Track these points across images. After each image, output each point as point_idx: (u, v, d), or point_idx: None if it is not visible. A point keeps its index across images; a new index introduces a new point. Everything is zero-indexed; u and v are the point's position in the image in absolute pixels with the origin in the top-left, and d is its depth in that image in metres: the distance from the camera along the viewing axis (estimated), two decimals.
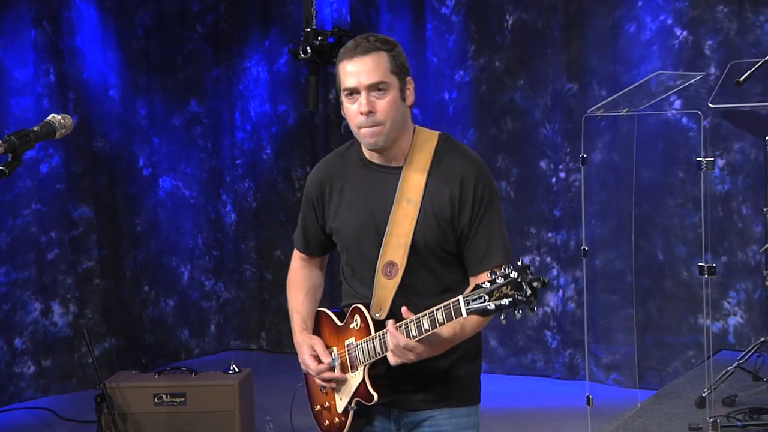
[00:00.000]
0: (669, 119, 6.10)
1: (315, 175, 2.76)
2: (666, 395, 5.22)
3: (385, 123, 2.53)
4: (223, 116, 7.81)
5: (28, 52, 6.50)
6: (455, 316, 2.32)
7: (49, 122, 2.31)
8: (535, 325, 6.68)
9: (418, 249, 2.56)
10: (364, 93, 2.52)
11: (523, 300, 2.22)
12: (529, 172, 6.65)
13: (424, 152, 2.60)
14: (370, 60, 2.51)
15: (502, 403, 6.10)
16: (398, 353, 2.44)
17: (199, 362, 7.39)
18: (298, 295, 2.86)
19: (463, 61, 6.83)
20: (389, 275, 2.57)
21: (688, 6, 6.04)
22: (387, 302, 2.57)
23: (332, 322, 2.73)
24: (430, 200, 2.56)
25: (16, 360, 6.46)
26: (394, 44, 2.57)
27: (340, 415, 2.68)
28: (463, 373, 2.67)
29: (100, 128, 6.96)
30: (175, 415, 4.88)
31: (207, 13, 7.68)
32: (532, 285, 2.22)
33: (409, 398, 2.64)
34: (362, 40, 2.56)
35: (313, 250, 2.85)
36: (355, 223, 2.64)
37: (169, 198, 7.51)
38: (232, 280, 7.87)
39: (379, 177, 2.62)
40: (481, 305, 2.26)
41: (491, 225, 2.57)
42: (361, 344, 2.59)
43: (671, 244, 6.13)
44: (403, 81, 2.56)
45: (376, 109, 2.52)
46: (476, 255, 2.57)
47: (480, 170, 2.59)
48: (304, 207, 2.79)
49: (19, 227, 6.48)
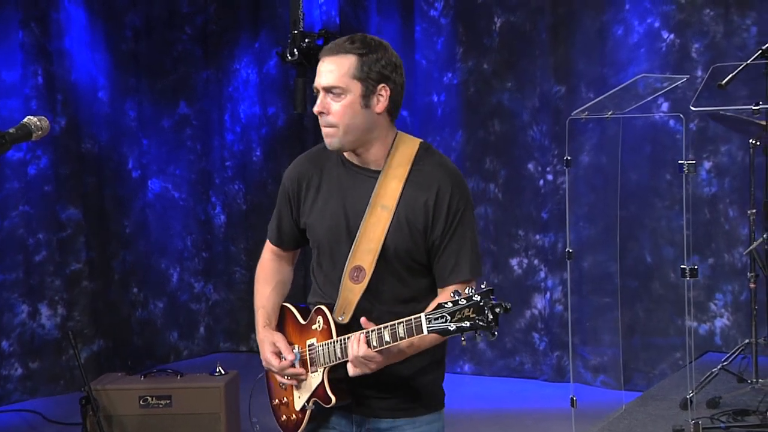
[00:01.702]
0: (656, 122, 6.13)
1: (293, 169, 2.75)
2: (651, 397, 5.23)
3: (338, 126, 2.52)
4: (213, 118, 7.81)
5: (15, 54, 6.49)
6: (416, 333, 2.31)
7: (25, 124, 2.30)
8: (523, 327, 6.69)
9: (387, 256, 2.55)
10: (321, 93, 2.54)
11: (483, 325, 2.20)
12: (517, 174, 6.66)
13: (402, 159, 2.58)
14: (334, 62, 2.51)
15: (489, 405, 6.12)
16: (357, 363, 2.43)
17: (189, 364, 7.38)
18: (264, 289, 2.84)
19: (452, 64, 6.84)
20: (356, 280, 2.55)
21: (675, 9, 6.06)
22: (351, 306, 2.55)
23: (295, 320, 2.71)
24: (405, 208, 2.54)
25: (3, 362, 6.44)
26: (373, 49, 2.52)
27: (297, 412, 2.67)
28: (427, 381, 2.66)
29: (88, 130, 6.95)
30: (160, 418, 4.87)
31: (196, 15, 7.68)
32: (494, 310, 2.21)
33: (371, 404, 2.62)
34: (341, 40, 2.55)
35: (286, 243, 2.83)
36: (328, 223, 2.63)
37: (158, 200, 7.50)
38: (222, 282, 7.87)
39: (357, 178, 2.61)
40: (442, 325, 2.25)
41: (463, 238, 2.55)
42: (322, 346, 2.58)
43: (659, 246, 6.15)
44: (369, 87, 2.51)
45: (329, 110, 2.52)
46: (445, 267, 2.55)
47: (456, 182, 2.57)
48: (280, 199, 2.77)
49: (7, 229, 6.46)
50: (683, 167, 4.22)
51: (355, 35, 2.57)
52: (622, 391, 5.39)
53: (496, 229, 6.76)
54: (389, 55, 2.55)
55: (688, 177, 4.25)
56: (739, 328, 5.93)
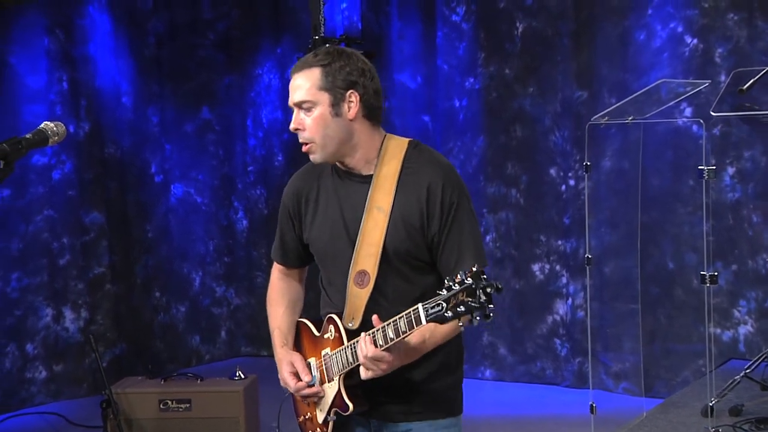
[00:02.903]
0: (679, 127, 6.08)
1: (291, 186, 2.78)
2: (673, 404, 5.18)
3: (314, 140, 2.56)
4: (235, 123, 7.85)
5: (41, 60, 6.57)
6: (416, 324, 2.32)
7: (42, 129, 2.31)
8: (544, 333, 6.67)
9: (389, 257, 2.56)
10: (295, 110, 2.59)
11: (476, 306, 2.21)
12: (539, 179, 6.64)
13: (393, 160, 2.60)
14: (299, 78, 2.56)
15: (509, 411, 6.09)
16: (369, 365, 2.44)
17: (210, 368, 7.42)
18: (277, 310, 2.86)
19: (473, 69, 6.83)
20: (361, 284, 2.56)
21: (698, 14, 6.01)
22: (359, 311, 2.56)
23: (311, 333, 2.73)
24: (400, 208, 2.56)
25: (27, 365, 6.51)
26: (336, 58, 2.54)
27: (321, 426, 2.68)
28: (443, 384, 2.66)
29: (111, 135, 7.01)
30: (180, 421, 4.89)
31: (219, 21, 7.73)
32: (486, 291, 2.21)
33: (388, 409, 2.64)
34: (310, 55, 2.57)
35: (292, 261, 2.86)
36: (329, 234, 2.65)
37: (181, 204, 7.55)
38: (243, 287, 7.90)
39: (351, 186, 2.63)
40: (438, 313, 2.26)
41: (462, 230, 2.56)
42: (335, 354, 2.59)
43: (681, 252, 6.10)
44: (338, 95, 2.53)
45: (303, 126, 2.57)
46: (449, 261, 2.56)
47: (447, 176, 2.58)
48: (281, 218, 2.80)
49: (32, 233, 6.53)
50: (703, 173, 4.19)
51: (320, 48, 2.61)
52: (643, 398, 5.35)
53: (517, 234, 6.74)
54: (354, 61, 2.56)
55: (708, 183, 4.21)
56: (763, 335, 5.86)
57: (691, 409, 4.95)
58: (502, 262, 6.78)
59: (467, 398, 2.76)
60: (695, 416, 4.81)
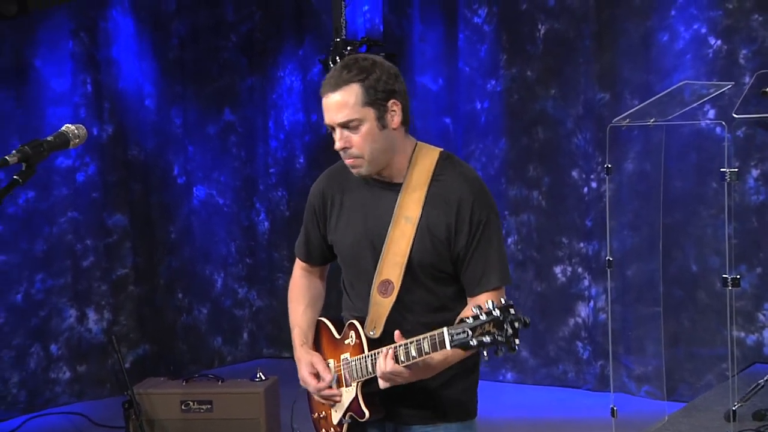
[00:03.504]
0: (703, 129, 6.03)
1: (318, 185, 2.77)
2: (695, 408, 5.15)
3: (363, 155, 2.52)
4: (257, 125, 7.88)
5: (65, 63, 6.62)
6: (439, 348, 2.32)
7: (63, 132, 2.33)
8: (566, 335, 6.64)
9: (414, 268, 2.56)
10: (338, 129, 2.52)
11: (502, 340, 2.22)
12: (561, 181, 6.61)
13: (423, 170, 2.58)
14: (339, 96, 2.48)
15: (530, 414, 6.07)
16: (386, 378, 2.45)
17: (232, 370, 7.44)
18: (298, 307, 2.86)
19: (495, 71, 6.82)
20: (384, 293, 2.56)
21: (722, 15, 5.96)
22: (382, 320, 2.57)
23: (331, 334, 2.74)
24: (427, 220, 2.55)
25: (51, 365, 6.56)
26: (370, 71, 2.49)
27: (335, 426, 2.70)
28: (459, 389, 2.66)
29: (135, 137, 7.06)
30: (201, 422, 4.93)
31: (241, 23, 7.77)
32: (513, 325, 2.22)
33: (404, 413, 2.64)
34: (336, 72, 2.51)
35: (315, 259, 2.86)
36: (353, 239, 2.65)
37: (203, 206, 7.58)
38: (265, 289, 7.93)
39: (379, 193, 2.62)
40: (464, 340, 2.26)
41: (489, 247, 2.56)
42: (354, 361, 2.60)
43: (704, 255, 6.05)
44: (381, 108, 2.50)
45: (351, 144, 2.51)
46: (474, 277, 2.56)
47: (477, 192, 2.57)
48: (307, 216, 2.80)
49: (56, 235, 6.59)
50: (725, 175, 4.16)
51: (346, 62, 2.53)
52: (665, 402, 5.32)
53: (539, 236, 6.72)
54: (386, 68, 2.54)
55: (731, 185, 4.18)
56: None
57: (714, 413, 4.92)
58: (524, 264, 6.76)
59: (488, 401, 2.76)
60: (718, 420, 4.78)
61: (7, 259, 6.30)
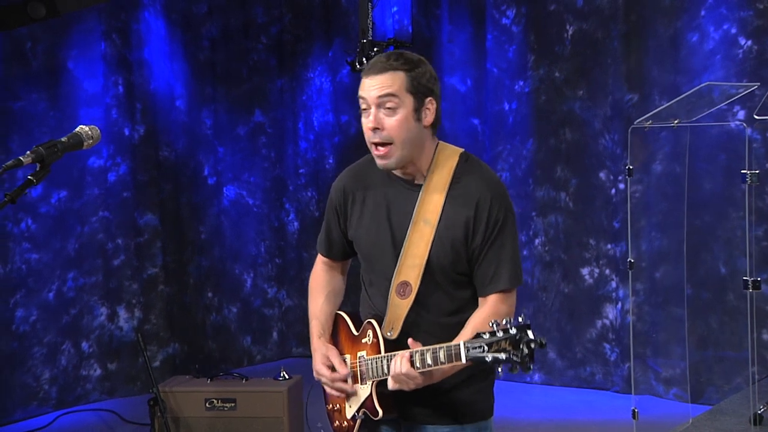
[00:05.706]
0: (732, 130, 5.97)
1: (340, 182, 2.80)
2: (720, 411, 5.11)
3: (394, 141, 2.54)
4: (287, 126, 7.94)
5: (98, 64, 6.72)
6: (455, 360, 2.36)
7: (77, 133, 2.39)
8: (593, 337, 6.61)
9: (432, 270, 2.58)
10: (374, 108, 2.54)
11: (517, 360, 2.24)
12: (588, 183, 6.58)
13: (444, 171, 2.61)
14: (383, 78, 2.53)
15: (557, 416, 6.05)
16: (398, 380, 2.48)
17: (261, 369, 7.50)
18: (318, 299, 2.89)
19: (523, 72, 6.80)
20: (403, 295, 2.60)
21: (752, 15, 5.90)
22: (399, 321, 2.60)
23: (348, 330, 2.77)
24: (446, 222, 2.57)
25: (82, 363, 6.66)
26: (416, 64, 2.55)
27: (348, 420, 2.73)
28: (474, 390, 2.68)
29: (166, 138, 7.14)
30: (225, 420, 4.97)
31: (271, 25, 7.82)
32: (529, 345, 2.24)
33: (418, 413, 2.67)
34: (383, 58, 2.57)
35: (336, 254, 2.89)
36: (373, 238, 2.68)
37: (233, 206, 7.65)
38: (294, 288, 7.98)
39: (400, 193, 2.65)
40: (479, 355, 2.29)
41: (503, 247, 2.57)
42: (370, 360, 2.62)
43: (733, 257, 5.99)
44: (420, 101, 2.54)
45: (383, 126, 2.53)
46: (485, 276, 2.58)
47: (496, 193, 2.59)
48: (328, 212, 2.83)
49: (87, 234, 6.68)
50: (746, 177, 4.12)
51: (394, 53, 2.59)
52: (689, 405, 5.27)
53: (566, 238, 6.69)
54: (429, 68, 2.59)
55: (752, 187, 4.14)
56: None
57: (739, 417, 4.87)
58: (551, 265, 6.74)
59: (516, 402, 2.79)
60: (743, 424, 4.74)
61: (39, 257, 6.40)
